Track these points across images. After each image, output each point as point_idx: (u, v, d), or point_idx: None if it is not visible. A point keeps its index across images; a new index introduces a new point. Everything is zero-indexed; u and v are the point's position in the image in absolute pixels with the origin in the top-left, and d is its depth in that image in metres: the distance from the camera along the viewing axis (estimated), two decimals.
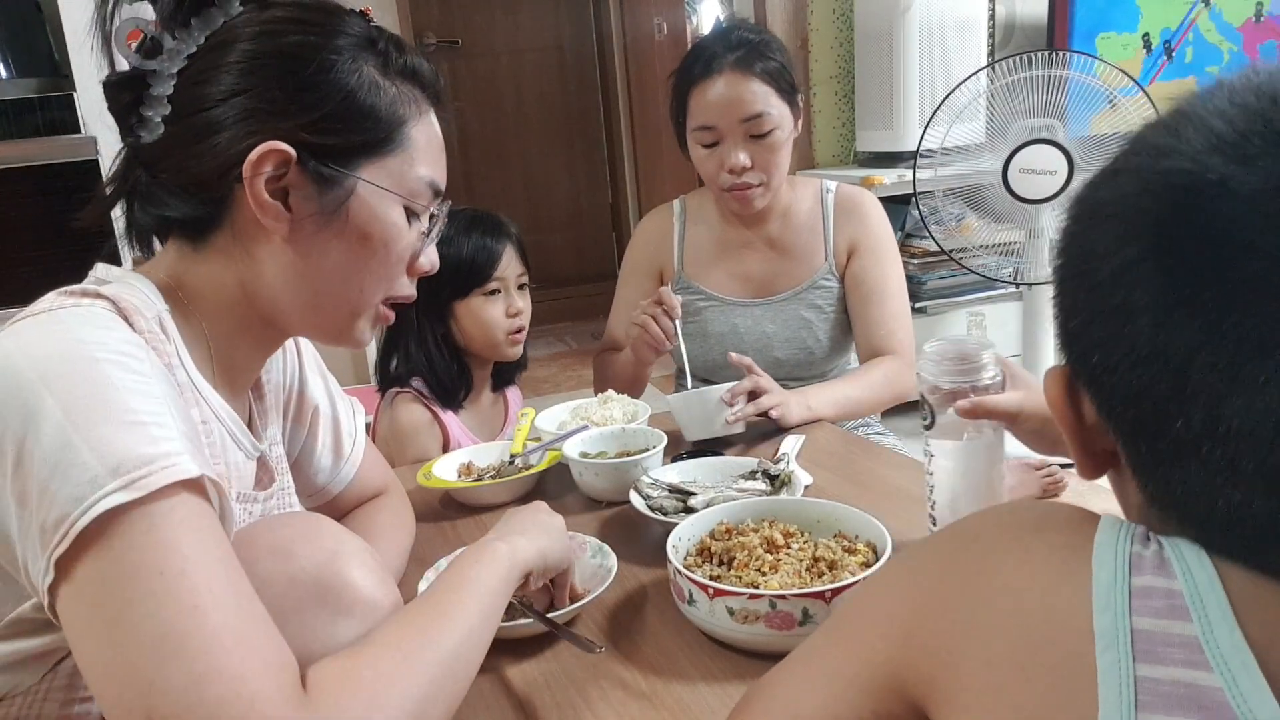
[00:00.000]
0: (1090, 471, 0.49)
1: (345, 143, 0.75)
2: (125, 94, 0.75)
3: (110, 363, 0.61)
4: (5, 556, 0.61)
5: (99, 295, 0.69)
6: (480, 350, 1.64)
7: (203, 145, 0.73)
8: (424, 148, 0.81)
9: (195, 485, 0.60)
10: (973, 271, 2.66)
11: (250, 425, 0.87)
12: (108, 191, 0.79)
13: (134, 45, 0.75)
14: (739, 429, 1.37)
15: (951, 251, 2.59)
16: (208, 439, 0.75)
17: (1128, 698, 0.39)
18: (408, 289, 0.84)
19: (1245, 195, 0.39)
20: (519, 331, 1.63)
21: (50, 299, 0.68)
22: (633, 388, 1.58)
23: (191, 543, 0.58)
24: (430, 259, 0.85)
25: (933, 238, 2.59)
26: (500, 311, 1.60)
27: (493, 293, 1.59)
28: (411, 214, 0.81)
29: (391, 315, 0.85)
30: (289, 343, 0.98)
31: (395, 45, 0.80)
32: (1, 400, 0.59)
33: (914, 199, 2.56)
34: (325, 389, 1.02)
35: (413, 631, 0.65)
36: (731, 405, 1.34)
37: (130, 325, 0.68)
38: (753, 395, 1.38)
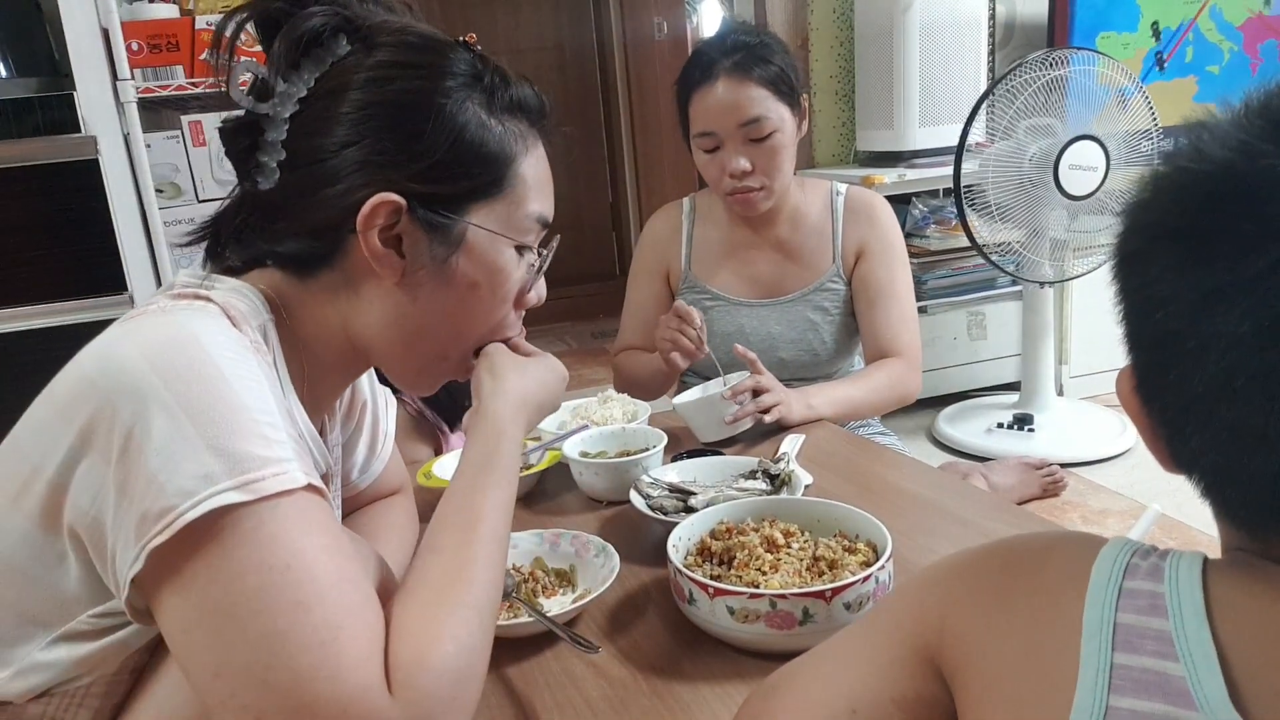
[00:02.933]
0: (1164, 462, 0.52)
1: (454, 189, 0.74)
2: (242, 139, 0.75)
3: (226, 360, 0.61)
4: (94, 542, 0.60)
5: (208, 299, 0.69)
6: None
7: (317, 196, 0.73)
8: (532, 184, 0.79)
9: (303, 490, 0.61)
10: (1000, 269, 2.66)
11: (321, 434, 0.87)
12: (215, 228, 0.79)
13: (246, 89, 0.74)
14: (748, 424, 1.38)
15: (984, 248, 2.61)
16: None
17: (1102, 681, 0.44)
18: (515, 326, 0.83)
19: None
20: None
21: (161, 300, 0.68)
22: (663, 390, 1.59)
23: (296, 535, 0.58)
24: (539, 292, 0.84)
25: (968, 234, 2.59)
26: None
27: None
28: (521, 251, 0.80)
29: (473, 368, 0.83)
30: None
31: (500, 78, 0.78)
32: (112, 387, 0.58)
33: (956, 194, 2.56)
34: (369, 383, 1.02)
35: (479, 592, 0.66)
36: (736, 402, 1.35)
37: (238, 330, 0.68)
38: (755, 393, 1.38)
